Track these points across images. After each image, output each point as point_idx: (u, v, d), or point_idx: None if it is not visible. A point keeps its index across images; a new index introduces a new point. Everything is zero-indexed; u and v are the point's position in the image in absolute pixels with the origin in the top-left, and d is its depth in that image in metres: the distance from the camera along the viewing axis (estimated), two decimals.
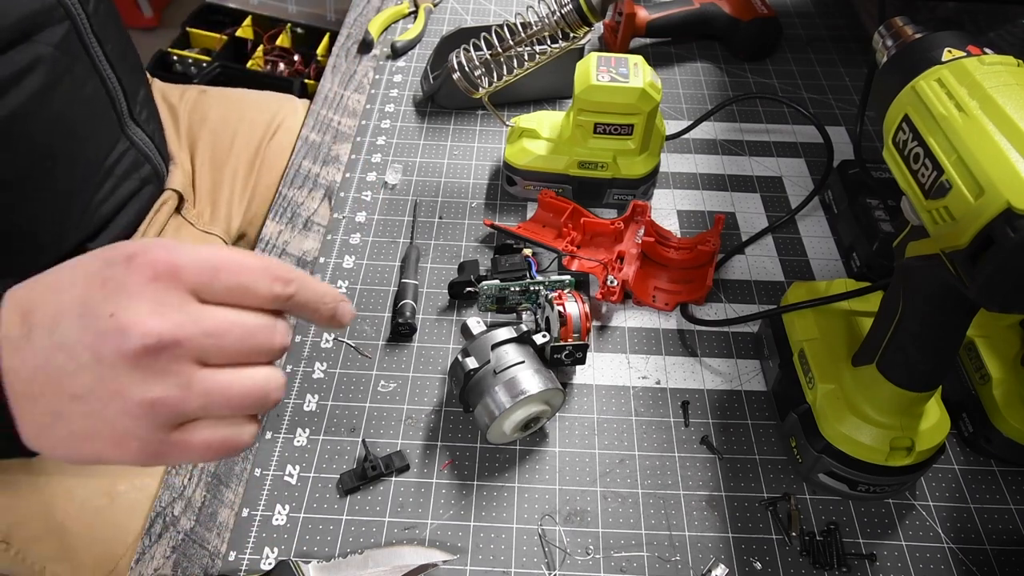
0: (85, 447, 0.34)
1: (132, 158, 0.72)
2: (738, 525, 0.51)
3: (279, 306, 0.36)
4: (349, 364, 0.59)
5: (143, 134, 0.74)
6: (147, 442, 0.34)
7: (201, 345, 0.33)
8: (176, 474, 0.53)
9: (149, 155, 0.75)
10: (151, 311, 0.32)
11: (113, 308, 0.33)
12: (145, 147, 0.74)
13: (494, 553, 0.49)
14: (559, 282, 0.61)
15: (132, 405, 0.33)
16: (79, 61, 0.64)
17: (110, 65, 0.67)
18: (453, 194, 0.73)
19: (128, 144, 0.72)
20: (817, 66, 0.91)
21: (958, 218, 0.36)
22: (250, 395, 0.35)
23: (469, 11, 0.99)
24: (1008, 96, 0.36)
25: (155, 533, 0.50)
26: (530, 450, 0.55)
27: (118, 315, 0.32)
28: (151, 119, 0.77)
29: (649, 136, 0.68)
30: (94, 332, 0.33)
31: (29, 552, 0.61)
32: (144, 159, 0.74)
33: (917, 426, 0.48)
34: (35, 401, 0.34)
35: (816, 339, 0.53)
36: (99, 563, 0.60)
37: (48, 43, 0.60)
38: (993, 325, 0.56)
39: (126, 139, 0.72)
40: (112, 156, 0.70)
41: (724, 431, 0.56)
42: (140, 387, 0.33)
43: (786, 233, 0.71)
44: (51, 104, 0.61)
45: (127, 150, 0.72)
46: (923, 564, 0.49)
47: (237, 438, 0.35)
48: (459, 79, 0.64)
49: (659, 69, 0.89)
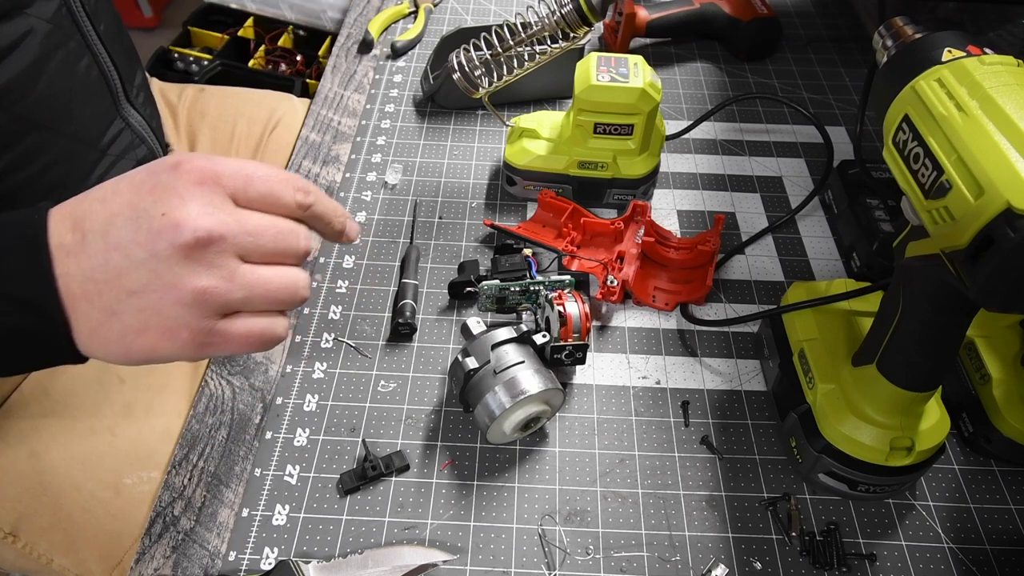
0: (138, 341, 0.37)
1: (128, 139, 0.72)
2: (738, 525, 0.51)
3: (300, 214, 0.40)
4: (349, 364, 0.59)
5: (139, 117, 0.74)
6: (196, 331, 0.37)
7: (243, 242, 0.37)
8: (176, 474, 0.53)
9: (145, 137, 0.74)
10: (199, 210, 0.36)
11: (164, 208, 0.36)
12: (141, 129, 0.74)
13: (494, 553, 0.49)
14: (559, 282, 0.62)
15: (185, 294, 0.36)
16: (72, 37, 0.64)
17: (103, 45, 0.67)
18: (453, 194, 0.73)
19: (124, 124, 0.72)
20: (817, 66, 0.91)
21: (958, 218, 0.36)
22: (285, 289, 0.39)
23: (469, 11, 0.99)
24: (1008, 96, 0.36)
25: (155, 533, 0.50)
26: (530, 450, 0.55)
27: (170, 214, 0.36)
28: (148, 104, 0.77)
29: (649, 136, 0.68)
30: (147, 231, 0.36)
31: (37, 544, 0.61)
32: (140, 141, 0.74)
33: (917, 426, 0.48)
34: (91, 301, 0.37)
35: (816, 339, 0.53)
36: (106, 555, 0.61)
37: (40, 16, 0.60)
38: (993, 325, 0.56)
39: (122, 119, 0.71)
40: (108, 135, 0.70)
41: (724, 431, 0.56)
42: (192, 277, 0.36)
43: (786, 233, 0.71)
44: (44, 77, 0.61)
45: (123, 130, 0.72)
46: (923, 564, 0.49)
47: (272, 329, 0.39)
48: (459, 79, 0.64)
49: (659, 69, 0.89)
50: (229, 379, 0.58)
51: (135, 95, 0.74)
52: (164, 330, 0.37)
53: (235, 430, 0.55)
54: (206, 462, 0.54)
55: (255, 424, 0.56)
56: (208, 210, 0.37)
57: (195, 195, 0.37)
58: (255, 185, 0.39)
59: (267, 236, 0.38)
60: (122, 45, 0.73)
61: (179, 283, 0.36)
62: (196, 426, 0.56)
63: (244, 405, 0.57)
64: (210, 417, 0.56)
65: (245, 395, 0.57)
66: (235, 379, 0.58)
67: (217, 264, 0.37)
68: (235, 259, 0.38)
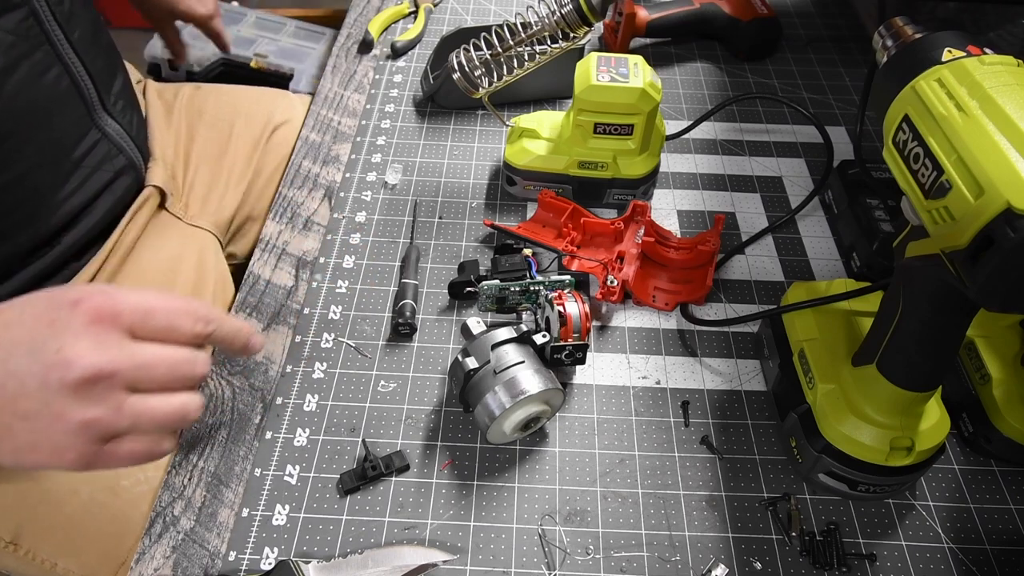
0: (30, 456, 0.41)
1: (105, 149, 0.70)
2: (738, 525, 0.51)
3: (201, 341, 0.44)
4: (349, 364, 0.59)
5: (118, 125, 0.72)
6: (82, 453, 0.41)
7: (133, 375, 0.41)
8: (176, 474, 0.53)
9: (124, 147, 0.72)
10: (91, 348, 0.39)
11: (59, 345, 0.39)
12: (119, 138, 0.72)
13: (494, 553, 0.49)
14: (559, 282, 0.62)
15: (71, 424, 0.39)
16: (39, 48, 0.62)
17: (76, 54, 0.66)
18: (453, 194, 0.73)
19: (100, 135, 0.70)
20: (817, 66, 0.91)
21: (958, 218, 0.36)
22: (172, 415, 0.42)
23: (469, 11, 0.99)
24: (1008, 96, 0.37)
25: (155, 533, 0.50)
26: (530, 450, 0.55)
27: (63, 350, 0.39)
28: (128, 110, 0.75)
29: (649, 136, 0.68)
30: (42, 364, 0.39)
31: (39, 550, 0.61)
32: (118, 151, 0.72)
33: (917, 426, 0.48)
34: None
35: (816, 339, 0.53)
36: (108, 556, 0.61)
37: (3, 28, 0.59)
38: (993, 325, 0.56)
39: (97, 130, 0.70)
40: (81, 146, 0.68)
41: (724, 431, 0.56)
42: (79, 410, 0.39)
43: (786, 233, 0.71)
44: (7, 88, 0.59)
45: (99, 140, 0.70)
46: (923, 564, 0.49)
47: (158, 449, 0.43)
48: (459, 79, 0.64)
49: (659, 69, 0.89)
50: (229, 379, 0.58)
51: (113, 103, 0.72)
52: (52, 450, 0.41)
53: (235, 430, 0.55)
54: (206, 462, 0.54)
55: (255, 424, 0.56)
56: (100, 348, 0.40)
57: (89, 333, 0.40)
58: (154, 319, 0.42)
59: (159, 369, 0.42)
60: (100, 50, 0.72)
61: (65, 414, 0.39)
62: (196, 426, 0.56)
63: (244, 405, 0.57)
64: (210, 417, 0.56)
65: (245, 395, 0.57)
66: (235, 379, 0.58)
67: (104, 398, 0.40)
68: (123, 392, 0.41)
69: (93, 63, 0.69)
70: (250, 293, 0.65)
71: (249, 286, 0.65)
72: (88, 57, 0.68)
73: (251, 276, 0.66)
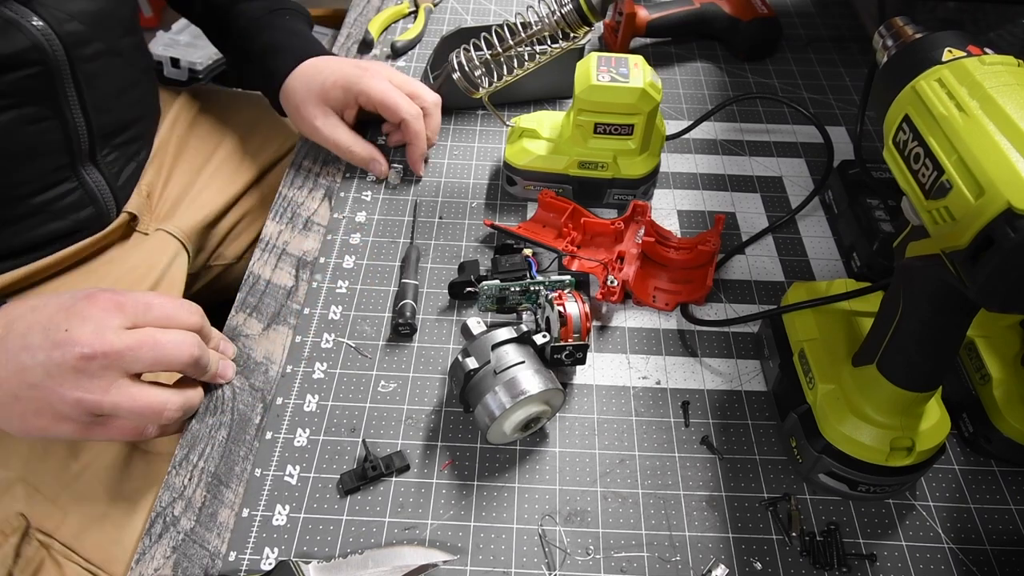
0: (35, 422, 0.48)
1: (76, 198, 0.69)
2: (738, 525, 0.51)
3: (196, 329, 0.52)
4: (349, 364, 0.59)
5: (100, 176, 0.71)
6: (78, 424, 0.49)
7: (123, 357, 0.48)
8: (176, 474, 0.53)
9: (97, 198, 0.71)
10: (93, 331, 0.47)
11: (68, 326, 0.47)
12: (96, 188, 0.71)
13: (494, 553, 0.49)
14: (559, 282, 0.61)
15: (67, 397, 0.47)
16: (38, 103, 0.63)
17: (83, 111, 0.66)
18: (453, 194, 0.73)
19: (76, 184, 0.69)
20: (817, 66, 0.91)
21: (958, 218, 0.36)
22: (148, 409, 0.49)
23: (469, 11, 0.99)
24: (1008, 96, 0.36)
25: (155, 533, 0.50)
26: (530, 450, 0.55)
27: (71, 331, 0.47)
28: (121, 159, 0.74)
29: (649, 136, 0.68)
30: (51, 341, 0.47)
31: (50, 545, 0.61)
32: (90, 201, 0.71)
33: (917, 426, 0.48)
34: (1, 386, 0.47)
35: (816, 339, 0.53)
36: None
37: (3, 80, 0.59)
38: (993, 325, 0.56)
39: (75, 179, 0.69)
40: (49, 193, 0.67)
41: (724, 431, 0.56)
42: (73, 386, 0.47)
43: (786, 233, 0.71)
44: None
45: (73, 190, 0.69)
46: (923, 564, 0.49)
47: (144, 432, 0.51)
48: (459, 79, 0.64)
49: (659, 69, 0.89)
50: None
51: (105, 153, 0.71)
52: (54, 418, 0.48)
53: (235, 430, 0.55)
54: (206, 462, 0.54)
55: (255, 424, 0.56)
56: (100, 332, 0.47)
57: (95, 319, 0.48)
58: (153, 312, 0.50)
59: (144, 349, 0.48)
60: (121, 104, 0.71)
61: (61, 388, 0.47)
62: (196, 426, 0.56)
63: (244, 405, 0.57)
64: (210, 417, 0.56)
65: (245, 395, 0.57)
66: (235, 379, 0.58)
67: (98, 376, 0.47)
68: (116, 373, 0.48)
69: (102, 119, 0.69)
70: (250, 293, 0.65)
71: (249, 286, 0.65)
72: (99, 114, 0.68)
73: (251, 276, 0.66)
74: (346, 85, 0.70)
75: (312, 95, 0.71)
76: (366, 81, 0.69)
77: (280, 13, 0.79)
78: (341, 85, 0.70)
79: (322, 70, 0.72)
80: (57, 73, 0.63)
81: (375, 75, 0.70)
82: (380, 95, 0.69)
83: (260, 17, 0.77)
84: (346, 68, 0.71)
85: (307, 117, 0.71)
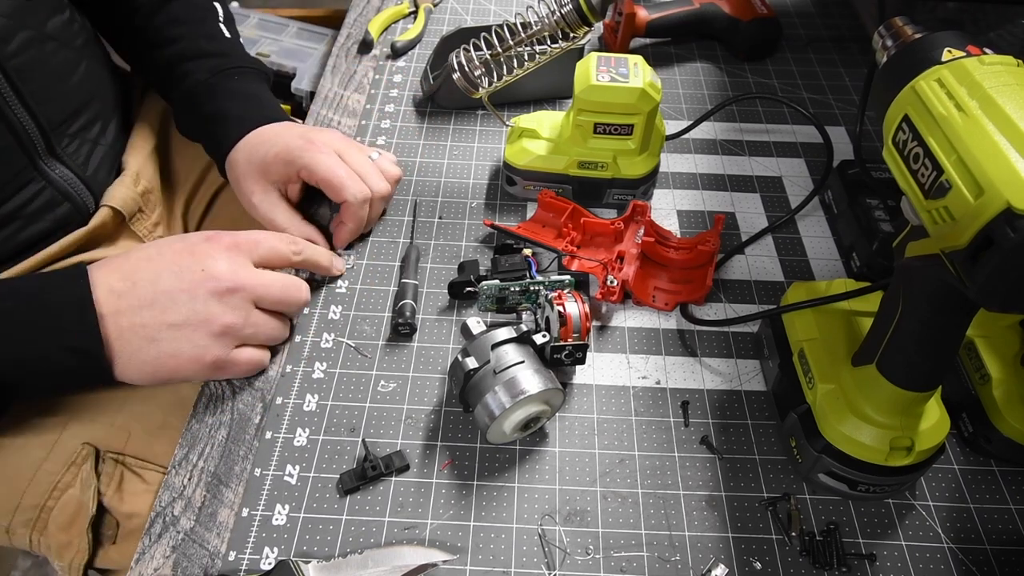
0: (169, 363, 0.52)
1: (47, 198, 0.65)
2: (738, 525, 0.51)
3: (296, 262, 0.60)
4: (349, 364, 0.59)
5: (66, 170, 0.66)
6: (217, 357, 0.53)
7: (258, 292, 0.54)
8: (176, 474, 0.53)
9: (70, 193, 0.67)
10: (229, 266, 0.54)
11: (203, 265, 0.53)
12: (66, 183, 0.66)
13: (494, 553, 0.49)
14: (559, 282, 0.62)
15: (216, 327, 0.52)
16: None
17: (24, 105, 0.61)
18: (453, 194, 0.73)
19: (43, 183, 0.64)
20: (817, 66, 0.91)
21: (958, 218, 0.36)
22: (274, 330, 0.57)
23: (469, 11, 0.99)
24: (1008, 96, 0.37)
25: (155, 533, 0.50)
26: (530, 450, 0.55)
27: (208, 269, 0.53)
28: (86, 146, 0.69)
29: (649, 136, 0.68)
30: (189, 281, 0.52)
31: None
32: (63, 197, 0.66)
33: (917, 426, 0.48)
34: (135, 331, 0.51)
35: (816, 339, 0.53)
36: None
37: None
38: (993, 325, 0.56)
39: (40, 179, 0.64)
40: (17, 199, 0.63)
41: (724, 431, 0.56)
42: (221, 315, 0.52)
43: (786, 233, 0.71)
44: None
45: (41, 190, 0.64)
46: (923, 564, 0.49)
47: (264, 359, 0.57)
48: (459, 79, 0.64)
49: (659, 69, 0.89)
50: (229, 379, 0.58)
51: (65, 144, 0.66)
52: (192, 356, 0.52)
53: (235, 430, 0.55)
54: (206, 462, 0.54)
55: (255, 424, 0.56)
56: (234, 267, 0.54)
57: (225, 256, 0.54)
58: (262, 247, 0.56)
59: (275, 287, 0.56)
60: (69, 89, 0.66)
61: (211, 319, 0.52)
62: (196, 426, 0.56)
63: (244, 405, 0.57)
64: (210, 417, 0.56)
65: (245, 395, 0.57)
66: (235, 379, 0.58)
67: (238, 306, 0.53)
68: (250, 304, 0.54)
69: (48, 110, 0.64)
70: None
71: None
72: (43, 105, 0.63)
73: None
74: (288, 159, 0.63)
75: (252, 169, 0.65)
76: (310, 155, 0.63)
77: (229, 74, 0.71)
78: (283, 159, 0.64)
79: (264, 141, 0.65)
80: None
81: (321, 148, 0.63)
82: (325, 172, 0.63)
83: (206, 79, 0.70)
84: (291, 140, 0.64)
85: (245, 193, 0.66)
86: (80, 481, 0.60)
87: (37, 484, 0.60)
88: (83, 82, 0.69)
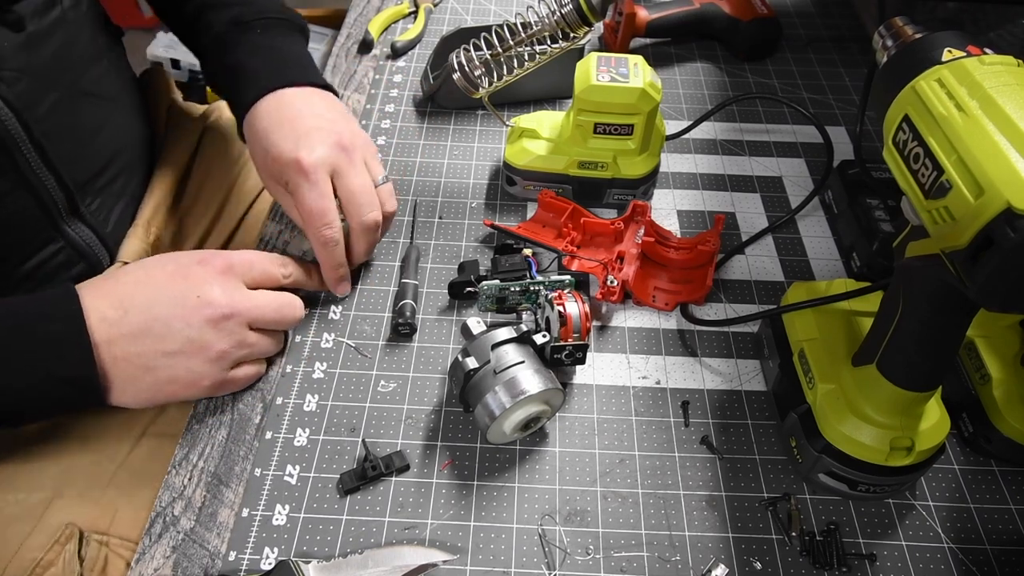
0: (166, 389, 0.52)
1: (64, 258, 0.62)
2: (738, 525, 0.51)
3: (288, 282, 0.59)
4: (349, 364, 0.59)
5: (86, 229, 0.63)
6: (215, 380, 0.53)
7: (251, 314, 0.54)
8: (176, 474, 0.53)
9: (87, 253, 0.64)
10: (223, 292, 0.52)
11: (198, 292, 0.52)
12: (85, 242, 0.63)
13: (494, 553, 0.49)
14: (559, 282, 0.62)
15: (212, 354, 0.52)
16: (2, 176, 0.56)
17: (50, 169, 0.58)
18: (453, 194, 0.73)
19: (62, 243, 0.62)
20: (817, 66, 0.91)
21: (958, 218, 0.36)
22: (269, 348, 0.57)
23: (469, 11, 0.99)
24: (1008, 96, 0.36)
25: (155, 533, 0.50)
26: (530, 450, 0.55)
27: (203, 296, 0.52)
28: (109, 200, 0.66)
29: (649, 136, 0.68)
30: (185, 308, 0.51)
31: None
32: (80, 257, 0.64)
33: (917, 426, 0.48)
34: (130, 360, 0.50)
35: (816, 339, 0.53)
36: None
37: None
38: (993, 325, 0.56)
39: (60, 239, 0.62)
40: (35, 259, 0.60)
41: (724, 431, 0.56)
42: (217, 342, 0.52)
43: (786, 233, 0.71)
44: None
45: (60, 249, 0.62)
46: (923, 564, 0.49)
47: (260, 370, 0.57)
48: (459, 79, 0.64)
49: (659, 69, 0.89)
50: None
51: (89, 202, 0.63)
52: (189, 381, 0.52)
53: (235, 430, 0.55)
54: (206, 462, 0.54)
55: (255, 424, 0.56)
56: (229, 292, 0.53)
57: (219, 281, 0.53)
58: (255, 270, 0.56)
59: (270, 309, 0.55)
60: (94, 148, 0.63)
61: (207, 346, 0.52)
62: (196, 426, 0.56)
63: (244, 405, 0.57)
64: (210, 417, 0.56)
65: (245, 395, 0.57)
66: None
67: (233, 332, 0.53)
68: (245, 327, 0.54)
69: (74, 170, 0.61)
70: None
71: None
72: (69, 166, 0.60)
73: None
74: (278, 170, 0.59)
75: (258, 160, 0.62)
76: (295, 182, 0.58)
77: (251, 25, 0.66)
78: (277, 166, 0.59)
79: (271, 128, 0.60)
80: (11, 144, 0.55)
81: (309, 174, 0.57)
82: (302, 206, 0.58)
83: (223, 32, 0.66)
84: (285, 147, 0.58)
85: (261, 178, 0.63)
86: (63, 561, 0.56)
87: (20, 560, 0.55)
88: (112, 136, 0.67)
